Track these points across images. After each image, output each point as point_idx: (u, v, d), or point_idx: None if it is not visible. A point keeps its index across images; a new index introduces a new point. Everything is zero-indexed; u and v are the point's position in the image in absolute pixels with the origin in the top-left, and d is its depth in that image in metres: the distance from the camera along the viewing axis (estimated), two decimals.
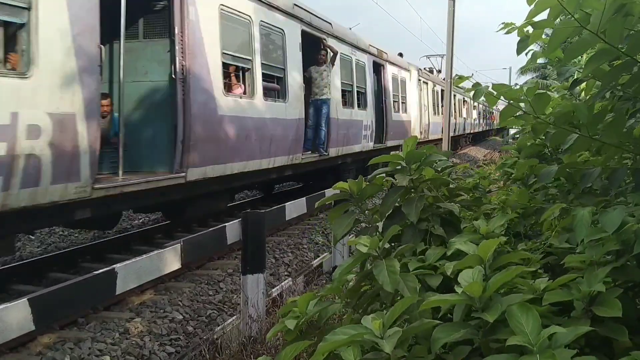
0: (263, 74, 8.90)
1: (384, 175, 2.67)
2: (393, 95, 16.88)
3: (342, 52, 12.14)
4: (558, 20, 2.17)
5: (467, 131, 36.71)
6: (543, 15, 2.18)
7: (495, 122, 52.83)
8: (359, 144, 13.60)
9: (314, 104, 11.01)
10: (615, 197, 2.47)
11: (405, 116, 18.55)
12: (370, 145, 14.37)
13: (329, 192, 6.09)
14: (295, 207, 7.24)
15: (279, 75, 9.45)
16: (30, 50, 4.94)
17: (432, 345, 1.63)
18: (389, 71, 16.62)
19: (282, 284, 6.41)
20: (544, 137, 2.67)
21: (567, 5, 2.04)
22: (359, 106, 13.56)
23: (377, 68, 15.56)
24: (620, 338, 1.62)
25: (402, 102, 18.27)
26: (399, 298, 1.94)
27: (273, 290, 6.04)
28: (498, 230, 2.27)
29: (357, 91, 13.43)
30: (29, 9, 4.88)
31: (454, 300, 1.71)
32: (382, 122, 15.48)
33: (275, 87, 9.55)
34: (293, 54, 9.85)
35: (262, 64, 8.79)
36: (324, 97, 10.94)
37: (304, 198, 7.62)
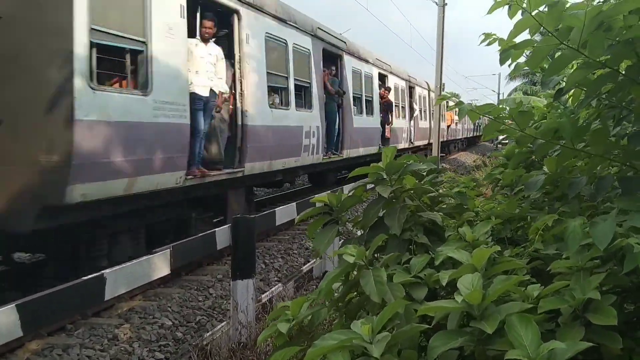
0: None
1: (364, 186, 2.67)
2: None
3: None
4: (538, 34, 2.20)
5: (459, 137, 37.00)
6: (524, 34, 2.21)
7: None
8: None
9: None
10: (602, 202, 2.49)
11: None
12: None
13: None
14: (285, 213, 7.26)
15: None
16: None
17: (429, 353, 1.62)
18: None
19: (272, 289, 6.41)
20: (531, 146, 2.70)
21: (546, 24, 2.07)
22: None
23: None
24: (613, 346, 1.64)
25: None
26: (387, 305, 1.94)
27: (263, 295, 6.03)
28: (483, 237, 2.28)
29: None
30: None
31: (452, 307, 1.71)
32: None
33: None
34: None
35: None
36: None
37: (294, 203, 7.64)
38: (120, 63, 6.08)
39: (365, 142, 14.75)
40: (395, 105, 18.55)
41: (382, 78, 17.52)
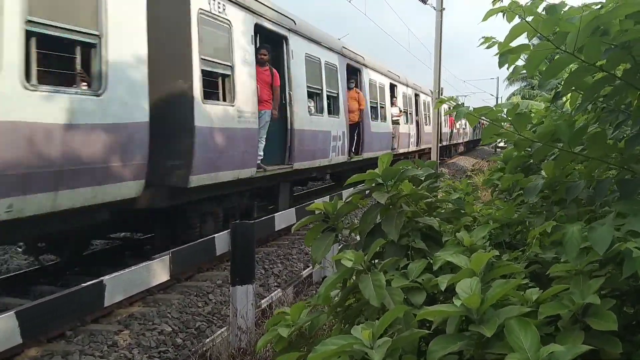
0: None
1: (361, 193, 2.66)
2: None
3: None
4: (535, 39, 2.21)
5: (457, 141, 37.10)
6: (522, 36, 2.23)
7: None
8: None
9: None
10: (600, 207, 2.50)
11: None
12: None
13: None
14: (284, 218, 7.25)
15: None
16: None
17: (428, 358, 1.62)
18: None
19: (272, 294, 6.40)
20: (529, 149, 2.71)
21: (542, 30, 2.08)
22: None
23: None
24: (612, 350, 1.64)
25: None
26: (385, 310, 1.94)
27: (263, 301, 6.03)
28: (481, 242, 2.28)
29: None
30: None
31: (451, 312, 1.71)
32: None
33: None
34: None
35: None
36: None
37: (293, 209, 7.64)
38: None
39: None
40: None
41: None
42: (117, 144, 6.02)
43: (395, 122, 18.83)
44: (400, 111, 19.71)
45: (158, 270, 4.51)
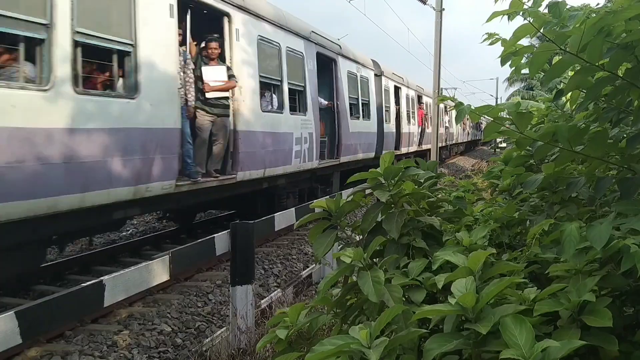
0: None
1: (362, 192, 2.68)
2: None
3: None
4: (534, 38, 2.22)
5: (458, 141, 37.09)
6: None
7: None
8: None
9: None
10: (600, 207, 2.49)
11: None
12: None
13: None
14: (284, 218, 7.25)
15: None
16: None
17: (425, 356, 1.63)
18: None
19: (272, 295, 6.40)
20: (530, 149, 2.70)
21: (547, 32, 2.09)
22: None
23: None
24: (609, 348, 1.64)
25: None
26: (386, 308, 1.94)
27: (262, 301, 6.02)
28: (480, 242, 2.29)
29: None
30: None
31: (447, 310, 1.71)
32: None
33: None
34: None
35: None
36: None
37: (293, 209, 7.63)
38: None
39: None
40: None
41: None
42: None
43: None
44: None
45: (158, 270, 4.50)
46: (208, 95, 7.89)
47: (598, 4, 2.29)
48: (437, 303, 2.09)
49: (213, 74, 8.00)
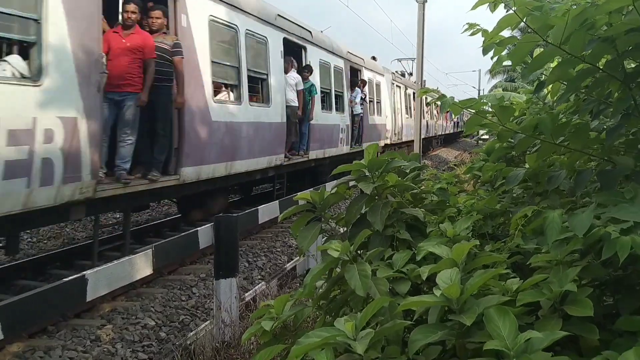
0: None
1: (346, 184, 2.68)
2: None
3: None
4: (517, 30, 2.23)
5: (439, 133, 37.19)
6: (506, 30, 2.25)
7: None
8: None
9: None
10: (581, 197, 2.52)
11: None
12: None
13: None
14: (267, 211, 7.24)
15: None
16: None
17: (410, 347, 1.64)
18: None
19: (256, 287, 6.40)
20: (511, 141, 2.73)
21: (530, 22, 2.10)
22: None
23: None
24: (590, 337, 1.66)
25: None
26: (370, 300, 1.95)
27: (246, 294, 6.02)
28: (464, 233, 2.30)
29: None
30: None
31: (432, 302, 1.72)
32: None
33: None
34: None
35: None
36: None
37: (277, 201, 7.62)
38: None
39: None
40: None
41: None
42: None
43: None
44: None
45: (141, 264, 4.48)
46: None
47: None
48: (420, 294, 2.10)
49: None
